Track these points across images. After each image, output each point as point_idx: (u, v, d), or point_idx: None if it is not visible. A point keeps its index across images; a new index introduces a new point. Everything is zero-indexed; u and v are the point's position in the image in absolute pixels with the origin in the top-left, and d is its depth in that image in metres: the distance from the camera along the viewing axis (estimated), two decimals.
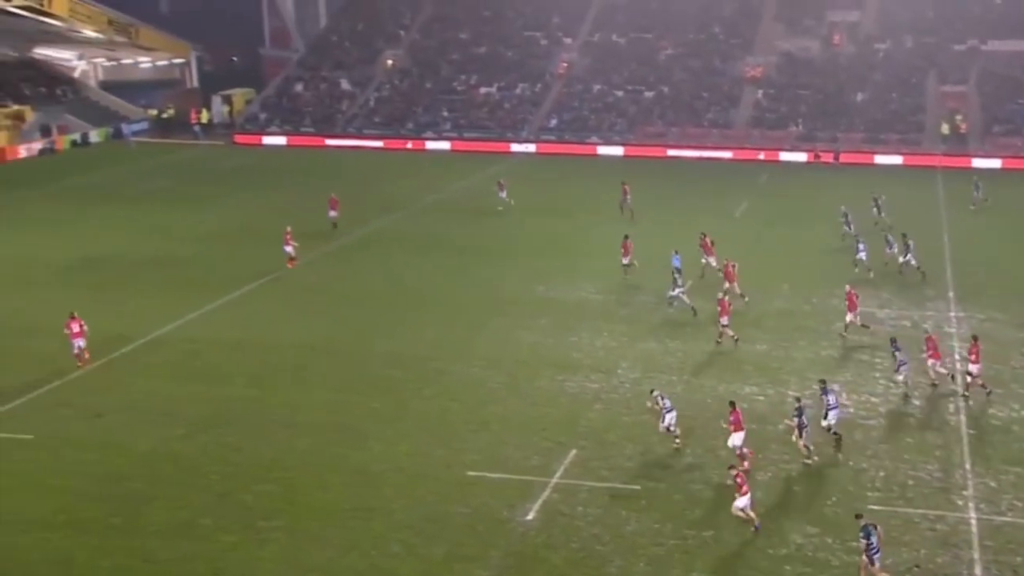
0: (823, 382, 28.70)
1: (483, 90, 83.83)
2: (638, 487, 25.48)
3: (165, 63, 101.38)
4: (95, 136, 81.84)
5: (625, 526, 23.87)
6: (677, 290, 37.85)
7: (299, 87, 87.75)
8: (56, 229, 52.35)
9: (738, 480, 23.66)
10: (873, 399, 30.76)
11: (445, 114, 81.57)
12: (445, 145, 78.07)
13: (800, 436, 26.66)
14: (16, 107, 78.82)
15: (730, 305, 35.25)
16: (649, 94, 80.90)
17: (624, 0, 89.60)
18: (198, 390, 31.42)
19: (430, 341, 35.56)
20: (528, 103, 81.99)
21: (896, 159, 70.31)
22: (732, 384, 31.72)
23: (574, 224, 52.44)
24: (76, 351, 33.12)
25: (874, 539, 21.31)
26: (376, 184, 62.95)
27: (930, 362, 31.12)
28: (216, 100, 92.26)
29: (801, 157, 71.57)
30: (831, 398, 27.83)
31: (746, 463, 26.14)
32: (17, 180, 62.03)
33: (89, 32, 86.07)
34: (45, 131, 78.66)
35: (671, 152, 74.34)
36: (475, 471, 26.25)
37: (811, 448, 26.71)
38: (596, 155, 75.23)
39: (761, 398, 30.84)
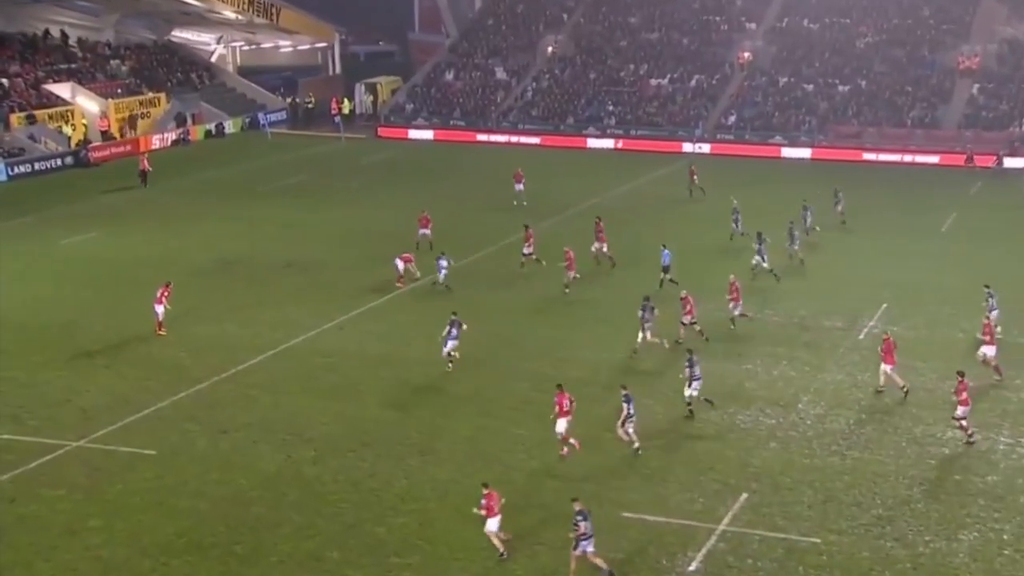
0: (690, 351, 31.79)
1: (653, 82, 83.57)
2: (818, 540, 24.94)
3: (307, 48, 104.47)
4: (230, 126, 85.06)
5: None
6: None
7: (450, 75, 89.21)
8: (188, 227, 54.61)
9: (487, 501, 24.02)
10: None
11: (610, 108, 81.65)
12: (608, 143, 78.16)
13: (623, 424, 28.68)
14: (150, 94, 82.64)
15: (694, 302, 36.78)
16: (844, 88, 79.20)
17: None
18: (331, 408, 32.25)
19: (585, 363, 35.57)
20: (704, 97, 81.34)
21: None
22: (932, 426, 30.80)
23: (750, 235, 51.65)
24: (160, 318, 37.97)
25: (585, 525, 22.81)
26: (531, 185, 63.29)
27: (883, 366, 32.63)
28: (359, 89, 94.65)
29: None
30: (696, 369, 31.00)
31: (565, 450, 28.64)
32: (150, 173, 64.84)
33: (228, 13, 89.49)
34: (180, 120, 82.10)
35: (867, 156, 72.65)
36: (631, 512, 26.17)
37: (632, 435, 28.77)
38: (780, 157, 74.08)
39: (963, 446, 29.80)
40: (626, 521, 25.76)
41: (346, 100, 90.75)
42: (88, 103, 79.00)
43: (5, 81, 75.36)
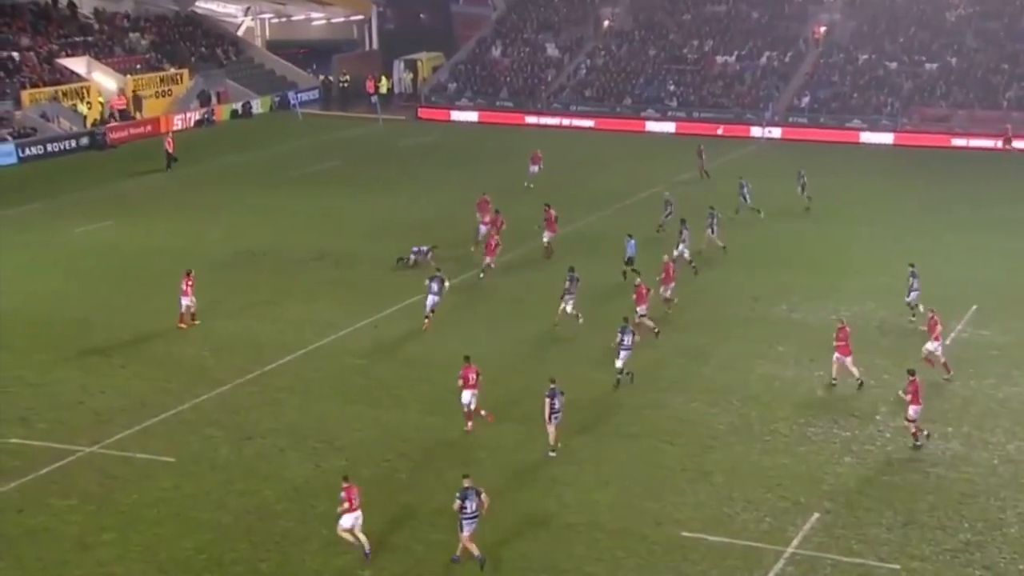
0: (625, 320, 34.25)
1: (719, 59, 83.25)
2: (897, 566, 24.75)
3: (341, 20, 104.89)
4: (258, 106, 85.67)
5: None
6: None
7: (496, 52, 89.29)
8: (212, 216, 55.09)
9: (345, 495, 24.70)
10: None
11: (671, 88, 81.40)
12: (669, 127, 77.92)
13: (550, 421, 29.37)
14: (172, 70, 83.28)
15: (648, 293, 37.83)
16: (931, 66, 78.45)
17: None
18: (364, 414, 32.39)
19: (642, 367, 35.48)
20: (775, 76, 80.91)
21: None
22: None
23: (826, 229, 51.41)
24: (183, 310, 38.59)
25: (470, 504, 24.15)
26: (583, 173, 63.33)
27: (836, 356, 33.63)
28: (398, 66, 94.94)
29: None
30: (627, 339, 33.41)
31: (470, 424, 30.83)
32: (173, 156, 65.37)
33: None
34: (204, 99, 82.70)
35: (956, 141, 72.01)
36: (691, 532, 26.09)
37: (552, 432, 29.51)
38: (858, 143, 73.54)
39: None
40: (685, 541, 25.66)
41: (383, 78, 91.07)
42: (105, 79, 79.75)
43: (16, 55, 76.15)
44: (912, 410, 29.99)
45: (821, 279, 44.16)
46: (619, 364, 33.80)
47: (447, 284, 38.91)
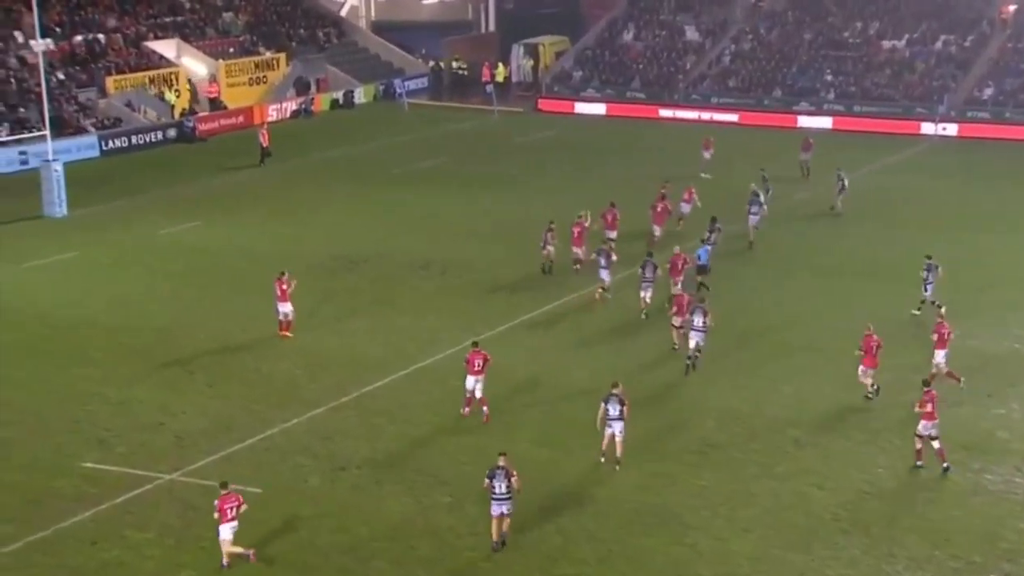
0: (701, 299, 37.56)
1: (886, 44, 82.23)
2: None
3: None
4: (360, 95, 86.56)
5: None
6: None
7: (628, 35, 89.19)
8: (309, 216, 55.87)
9: (219, 504, 25.90)
10: None
11: (828, 78, 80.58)
12: (825, 122, 77.03)
13: (604, 429, 30.60)
14: (268, 55, 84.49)
15: (688, 303, 38.67)
16: None
17: None
18: (471, 444, 32.37)
19: (786, 398, 35.08)
20: (952, 64, 79.58)
21: None
22: None
23: (1011, 242, 50.27)
24: (281, 318, 39.68)
25: (498, 484, 26.29)
26: (726, 173, 62.76)
27: (861, 368, 34.83)
28: (517, 51, 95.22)
29: None
30: (697, 320, 36.26)
31: (466, 409, 33.61)
32: (268, 150, 66.34)
33: None
34: (301, 87, 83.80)
35: None
36: None
37: (615, 443, 30.66)
38: None
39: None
40: None
41: (500, 65, 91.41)
42: (195, 64, 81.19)
43: (101, 37, 77.72)
44: (922, 425, 30.32)
45: (995, 299, 43.25)
46: (691, 344, 36.55)
47: (615, 257, 43.02)
